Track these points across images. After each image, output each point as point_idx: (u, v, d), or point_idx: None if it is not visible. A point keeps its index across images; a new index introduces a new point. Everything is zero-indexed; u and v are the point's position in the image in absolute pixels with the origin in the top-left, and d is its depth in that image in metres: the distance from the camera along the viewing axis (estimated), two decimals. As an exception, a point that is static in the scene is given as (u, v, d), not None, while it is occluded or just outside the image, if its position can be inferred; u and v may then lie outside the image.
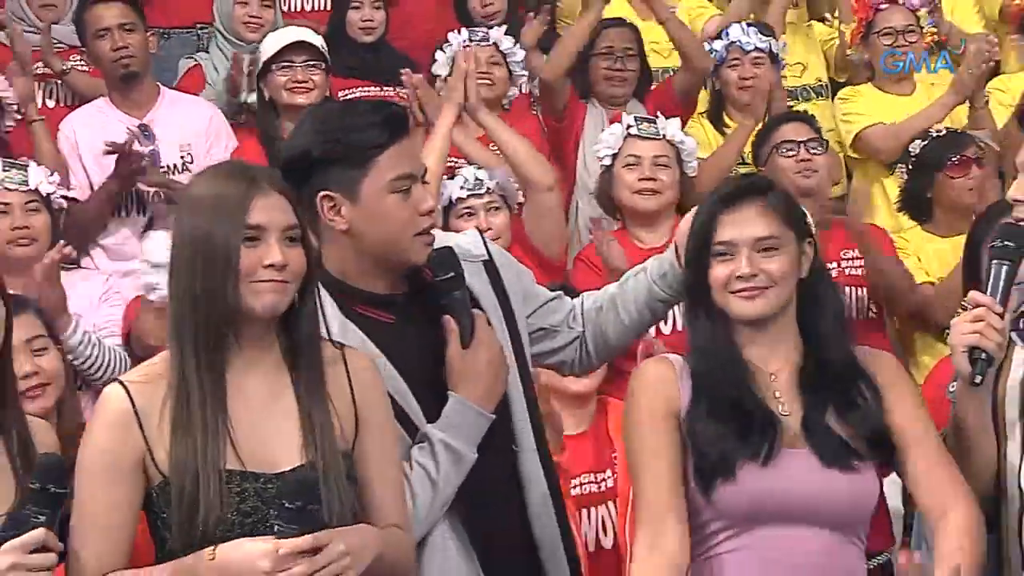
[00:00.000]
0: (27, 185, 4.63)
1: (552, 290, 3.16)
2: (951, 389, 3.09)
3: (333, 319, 2.84)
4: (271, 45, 5.30)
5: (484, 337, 2.88)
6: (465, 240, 3.04)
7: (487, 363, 2.87)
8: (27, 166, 4.73)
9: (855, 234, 4.87)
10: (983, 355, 2.73)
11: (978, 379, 2.73)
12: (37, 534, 2.47)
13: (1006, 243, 2.79)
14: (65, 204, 4.90)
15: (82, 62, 5.65)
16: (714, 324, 2.87)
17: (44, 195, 4.66)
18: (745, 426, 2.79)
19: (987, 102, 5.51)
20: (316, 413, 2.67)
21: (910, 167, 5.17)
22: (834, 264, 4.65)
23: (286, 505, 2.58)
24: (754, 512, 2.75)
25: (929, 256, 5.03)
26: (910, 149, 5.17)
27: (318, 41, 5.31)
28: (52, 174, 4.80)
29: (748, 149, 5.36)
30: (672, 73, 5.90)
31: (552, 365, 3.18)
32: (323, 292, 2.84)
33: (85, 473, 2.66)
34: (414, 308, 2.90)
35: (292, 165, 2.89)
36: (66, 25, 5.72)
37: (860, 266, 4.84)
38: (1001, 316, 2.75)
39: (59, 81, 5.74)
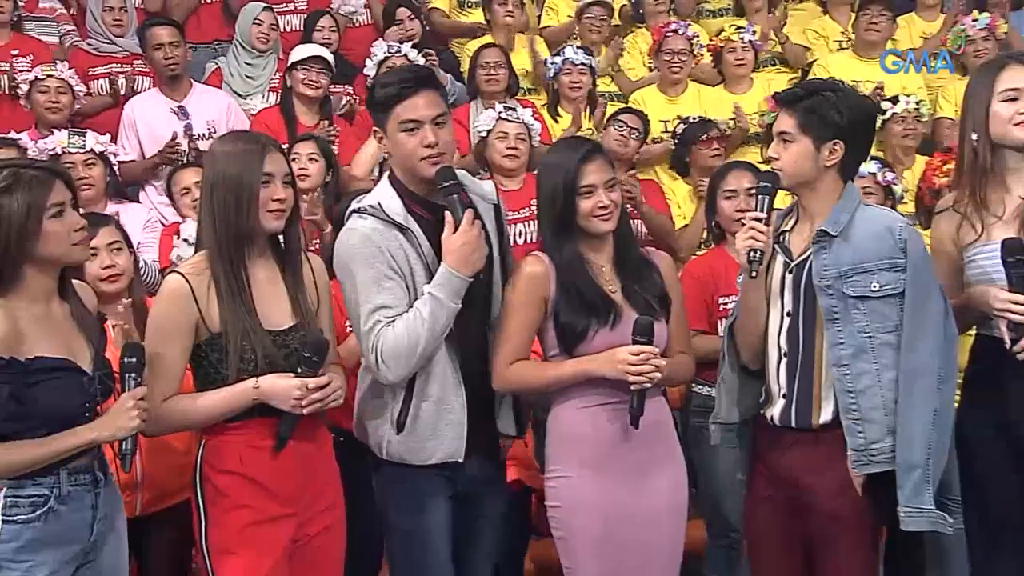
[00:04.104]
0: (84, 148, 5.32)
1: None
2: (739, 280, 3.46)
3: (398, 211, 3.26)
4: (299, 54, 6.25)
5: (464, 227, 3.23)
6: (487, 186, 3.51)
7: (462, 243, 3.21)
8: (85, 132, 5.40)
9: (635, 207, 5.62)
10: (757, 255, 3.18)
11: (754, 273, 3.21)
12: (142, 389, 2.93)
13: (765, 183, 3.28)
14: (119, 156, 5.57)
15: (143, 64, 6.61)
16: (572, 240, 3.31)
17: (98, 152, 5.32)
18: (592, 304, 3.27)
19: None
20: (299, 292, 3.15)
21: (676, 141, 6.18)
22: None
23: (309, 356, 3.03)
24: None
25: (687, 201, 6.10)
26: (676, 129, 6.15)
27: (330, 58, 6.30)
28: (103, 135, 5.46)
29: (590, 124, 6.35)
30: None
31: None
32: (392, 191, 3.31)
33: (157, 333, 3.06)
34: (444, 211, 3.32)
35: (370, 109, 3.40)
36: (131, 38, 6.76)
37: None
38: (767, 224, 3.22)
39: (143, 77, 6.60)
